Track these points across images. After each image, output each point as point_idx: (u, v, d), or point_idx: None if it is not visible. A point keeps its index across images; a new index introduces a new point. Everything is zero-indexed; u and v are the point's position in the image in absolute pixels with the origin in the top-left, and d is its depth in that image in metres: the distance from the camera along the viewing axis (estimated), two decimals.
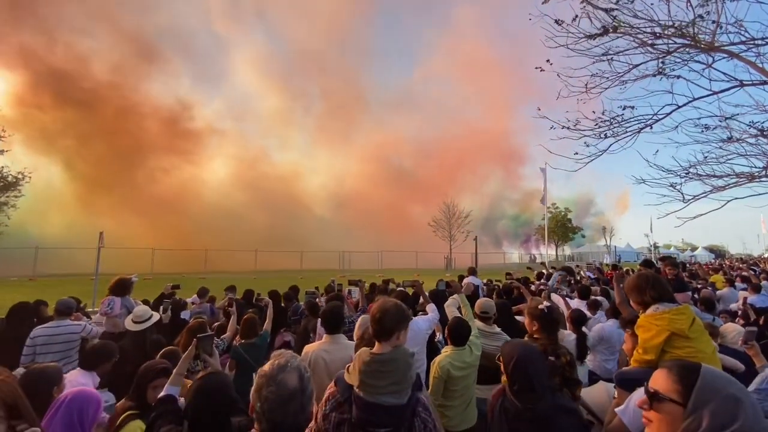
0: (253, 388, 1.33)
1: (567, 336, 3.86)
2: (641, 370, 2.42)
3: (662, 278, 2.62)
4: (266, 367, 1.37)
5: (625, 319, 3.28)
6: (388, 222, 50.81)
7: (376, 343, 1.72)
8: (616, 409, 2.05)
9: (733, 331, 3.55)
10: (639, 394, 1.98)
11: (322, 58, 69.71)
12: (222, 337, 4.09)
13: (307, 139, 66.39)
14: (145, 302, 5.75)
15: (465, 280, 7.65)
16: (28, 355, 3.62)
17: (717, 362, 2.38)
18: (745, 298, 6.31)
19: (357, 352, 1.76)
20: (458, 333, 3.02)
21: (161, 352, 2.86)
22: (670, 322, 2.30)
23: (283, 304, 6.33)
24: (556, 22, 3.88)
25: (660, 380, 1.16)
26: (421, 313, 3.96)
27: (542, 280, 8.77)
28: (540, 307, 2.76)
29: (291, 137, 63.40)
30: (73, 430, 1.75)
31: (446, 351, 3.00)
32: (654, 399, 1.13)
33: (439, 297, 4.98)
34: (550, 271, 9.50)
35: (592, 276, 10.35)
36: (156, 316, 4.40)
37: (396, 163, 65.28)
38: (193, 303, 6.82)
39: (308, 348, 3.03)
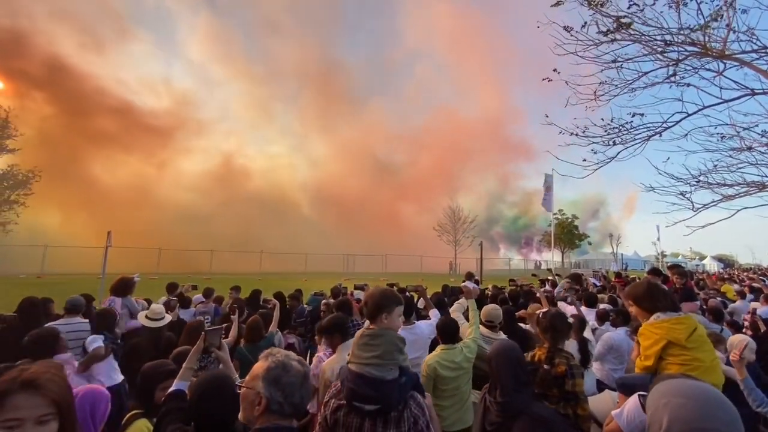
0: (262, 384, 1.39)
1: (571, 345, 3.83)
2: (640, 376, 2.45)
3: (666, 289, 2.63)
4: (268, 363, 1.44)
5: (636, 327, 3.26)
6: (387, 224, 50.10)
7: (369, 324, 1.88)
8: (612, 413, 2.07)
9: (740, 342, 3.47)
10: (635, 399, 1.99)
11: (289, 33, 62.87)
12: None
13: (287, 131, 63.52)
14: (147, 301, 5.80)
15: (464, 284, 7.56)
16: None
17: (717, 372, 2.40)
18: (754, 309, 6.21)
19: None
20: (445, 331, 3.09)
21: (173, 353, 2.88)
22: (669, 331, 2.34)
23: (288, 305, 6.34)
24: (565, 29, 3.88)
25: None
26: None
27: (546, 287, 8.70)
28: (536, 312, 2.77)
29: (271, 130, 61.33)
30: (85, 424, 1.78)
31: (436, 351, 3.04)
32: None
33: (442, 302, 4.97)
34: (555, 278, 9.43)
35: (598, 283, 10.25)
36: (169, 317, 4.47)
37: (384, 157, 61.18)
38: (199, 303, 6.85)
39: (328, 365, 2.89)
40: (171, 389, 2.00)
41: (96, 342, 3.55)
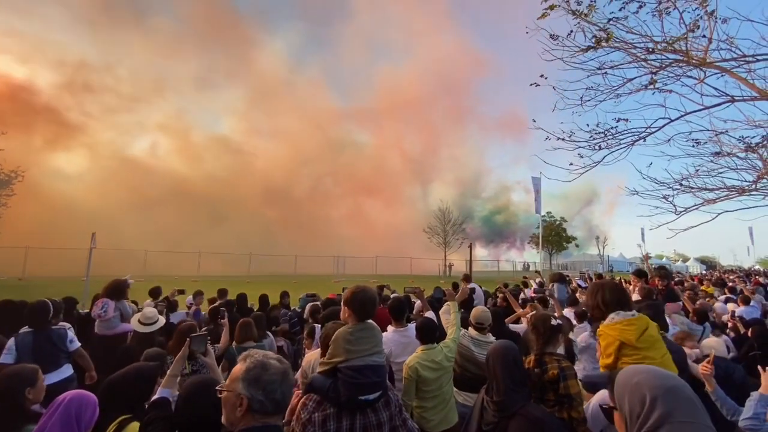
0: (242, 385, 1.39)
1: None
2: (601, 374, 2.56)
3: (614, 287, 2.67)
4: (247, 363, 1.45)
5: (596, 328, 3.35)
6: (377, 227, 48.85)
7: (351, 322, 1.88)
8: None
9: (711, 343, 3.59)
10: (599, 395, 2.08)
11: None
12: (214, 345, 4.08)
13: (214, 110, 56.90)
14: (135, 304, 5.71)
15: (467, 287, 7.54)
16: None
17: (667, 366, 2.46)
18: (732, 311, 6.37)
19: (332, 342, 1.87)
20: (424, 332, 3.13)
21: (145, 354, 2.85)
22: (621, 332, 2.42)
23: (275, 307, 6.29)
24: (551, 37, 3.95)
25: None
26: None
27: (535, 287, 8.80)
28: (530, 313, 2.82)
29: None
30: (70, 429, 1.75)
31: (417, 352, 3.07)
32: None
33: (435, 306, 5.00)
34: (543, 279, 9.54)
35: (582, 285, 10.44)
36: (162, 320, 4.41)
37: (338, 138, 54.24)
38: (190, 305, 6.79)
39: (311, 356, 3.00)
40: (155, 397, 1.98)
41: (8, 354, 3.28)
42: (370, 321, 1.89)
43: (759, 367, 2.40)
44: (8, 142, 24.60)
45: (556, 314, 4.71)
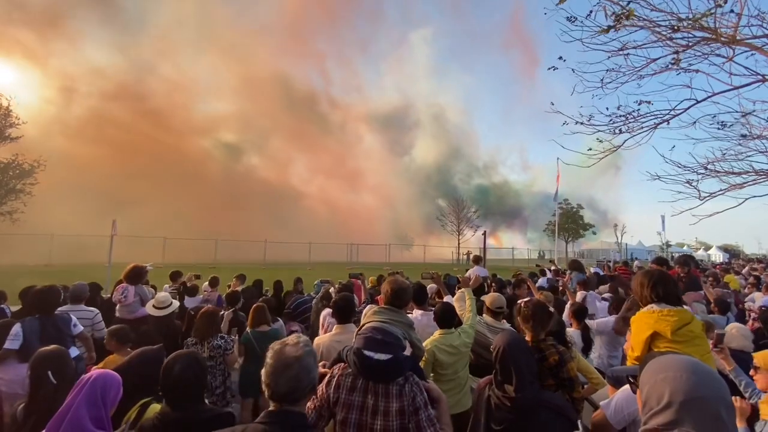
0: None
1: (574, 333, 3.87)
2: (630, 368, 2.43)
3: (670, 279, 2.56)
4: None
5: (627, 318, 3.26)
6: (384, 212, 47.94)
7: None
8: (601, 403, 2.10)
9: (735, 330, 3.47)
10: (624, 391, 2.02)
11: None
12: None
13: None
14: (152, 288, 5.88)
15: (470, 271, 7.51)
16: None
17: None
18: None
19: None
20: (443, 316, 3.16)
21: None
22: (657, 321, 2.32)
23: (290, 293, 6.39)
24: (568, 19, 3.79)
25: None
26: None
27: (548, 275, 8.72)
28: (519, 302, 2.79)
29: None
30: (96, 408, 1.82)
31: (434, 335, 3.10)
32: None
33: (449, 291, 5.00)
34: (558, 268, 9.42)
35: (601, 272, 10.25)
36: (176, 304, 4.54)
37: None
38: (205, 291, 6.95)
39: (319, 340, 3.09)
40: None
41: (15, 340, 3.31)
42: (396, 308, 2.26)
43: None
44: (28, 131, 25.25)
45: (569, 302, 4.66)
